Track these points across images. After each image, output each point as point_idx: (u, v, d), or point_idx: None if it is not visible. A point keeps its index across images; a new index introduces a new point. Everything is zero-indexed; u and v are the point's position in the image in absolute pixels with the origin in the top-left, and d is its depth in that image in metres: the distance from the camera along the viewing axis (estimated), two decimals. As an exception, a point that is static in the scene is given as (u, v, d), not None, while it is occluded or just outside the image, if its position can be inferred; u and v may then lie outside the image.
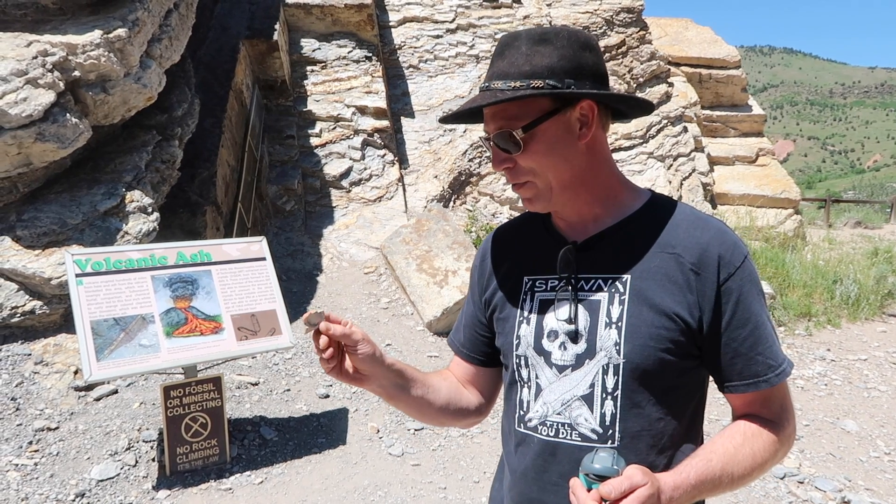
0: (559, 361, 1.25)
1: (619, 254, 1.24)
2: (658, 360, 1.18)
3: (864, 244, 11.89)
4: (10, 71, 3.97)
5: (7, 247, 4.20)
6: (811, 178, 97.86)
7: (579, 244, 1.27)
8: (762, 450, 1.20)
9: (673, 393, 1.22)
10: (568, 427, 1.23)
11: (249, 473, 3.72)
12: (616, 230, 1.26)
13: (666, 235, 1.22)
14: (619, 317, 1.20)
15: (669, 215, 1.25)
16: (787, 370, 1.21)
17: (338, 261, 7.01)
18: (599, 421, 1.21)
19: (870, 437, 4.74)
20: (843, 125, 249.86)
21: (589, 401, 1.22)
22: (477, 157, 8.50)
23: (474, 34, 9.37)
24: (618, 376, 1.19)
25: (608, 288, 1.22)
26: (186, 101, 5.72)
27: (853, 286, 8.00)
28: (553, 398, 1.25)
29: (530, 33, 1.19)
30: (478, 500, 3.64)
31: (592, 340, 1.22)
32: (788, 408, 1.26)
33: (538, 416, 1.27)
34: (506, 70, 1.18)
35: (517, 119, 1.18)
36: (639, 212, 1.27)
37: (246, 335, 3.82)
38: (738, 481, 1.18)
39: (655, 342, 1.18)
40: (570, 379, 1.23)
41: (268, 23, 7.62)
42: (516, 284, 1.34)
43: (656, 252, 1.21)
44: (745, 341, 1.19)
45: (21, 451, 3.65)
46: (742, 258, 1.19)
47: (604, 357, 1.20)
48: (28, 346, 4.27)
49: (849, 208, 19.82)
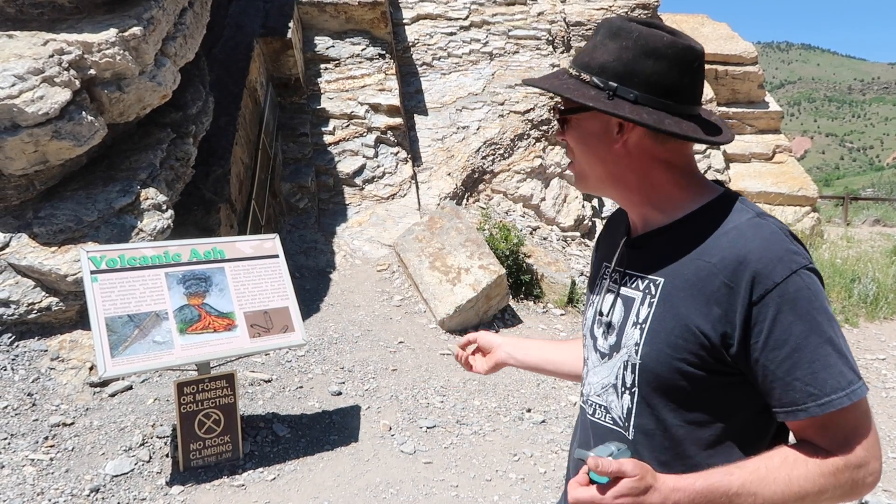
0: (602, 348, 1.32)
1: (659, 256, 1.23)
2: (674, 368, 1.16)
3: (882, 242, 11.74)
4: (27, 69, 4.01)
5: (24, 244, 4.25)
6: (829, 176, 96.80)
7: (631, 240, 1.31)
8: (803, 478, 1.08)
9: (694, 404, 1.17)
10: (603, 409, 1.31)
11: (262, 470, 3.74)
12: (663, 232, 1.24)
13: (710, 242, 1.16)
14: (645, 319, 1.22)
15: (723, 219, 1.18)
16: (835, 401, 1.06)
17: (351, 258, 7.02)
18: (620, 411, 1.27)
19: (888, 438, 4.67)
20: (862, 122, 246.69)
21: (615, 390, 1.28)
22: (490, 154, 8.47)
23: (488, 31, 9.34)
24: (634, 375, 1.23)
25: (644, 288, 1.25)
26: (201, 99, 5.75)
27: (871, 285, 7.89)
28: (595, 380, 1.34)
29: (611, 25, 1.23)
30: (490, 498, 3.63)
31: (621, 336, 1.26)
32: (859, 436, 1.10)
33: (586, 393, 1.37)
34: (579, 54, 1.25)
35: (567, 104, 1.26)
36: (692, 215, 1.22)
37: (259, 332, 3.83)
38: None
39: (672, 350, 1.16)
40: (606, 367, 1.30)
41: (282, 21, 7.64)
42: (598, 269, 1.43)
43: (694, 259, 1.17)
44: (781, 364, 1.08)
45: (37, 446, 3.69)
46: (786, 273, 1.08)
47: (625, 354, 1.24)
48: (44, 342, 4.31)
49: (867, 206, 19.56)
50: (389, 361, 5.18)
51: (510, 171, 8.53)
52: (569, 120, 1.26)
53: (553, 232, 8.42)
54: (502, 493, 3.68)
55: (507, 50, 9.29)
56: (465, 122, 8.64)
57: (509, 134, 8.64)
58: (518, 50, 9.33)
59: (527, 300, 6.83)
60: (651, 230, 1.27)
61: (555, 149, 8.98)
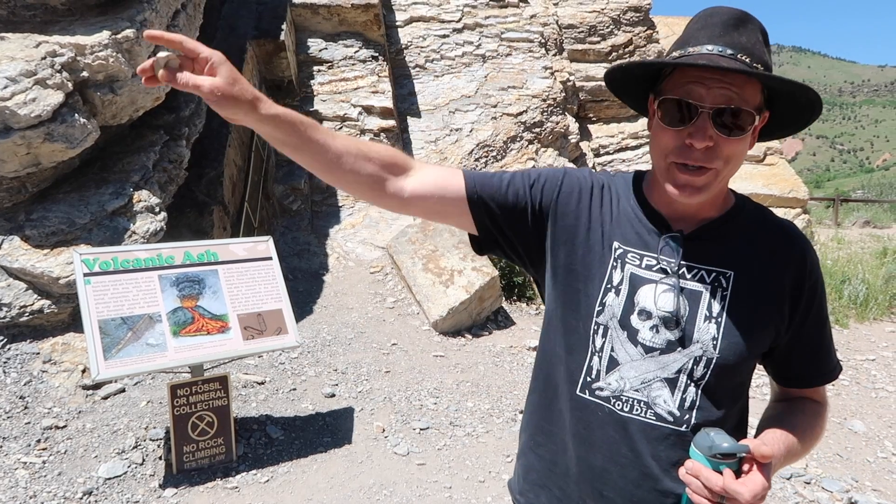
0: (648, 342, 1.23)
1: (723, 249, 1.25)
2: (747, 360, 1.25)
3: (872, 244, 11.83)
4: (19, 72, 4.00)
5: (16, 246, 4.23)
6: (820, 178, 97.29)
7: (687, 234, 1.25)
8: (819, 426, 1.33)
9: (741, 387, 1.30)
10: (644, 405, 1.23)
11: (255, 472, 3.74)
12: (720, 224, 1.27)
13: (766, 238, 1.27)
14: (720, 312, 1.22)
15: (761, 215, 1.31)
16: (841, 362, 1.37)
17: (344, 260, 7.03)
18: (678, 405, 1.23)
19: (877, 438, 4.71)
20: (853, 124, 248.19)
21: (672, 384, 1.23)
22: (483, 156, 8.50)
23: (481, 34, 9.36)
24: (708, 369, 1.21)
25: (711, 281, 1.23)
26: (194, 101, 5.75)
27: (861, 286, 7.95)
28: (633, 375, 1.24)
29: (753, 21, 1.16)
30: (483, 499, 3.65)
31: (690, 331, 1.22)
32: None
33: (612, 388, 1.25)
34: (749, 48, 1.13)
35: (747, 103, 1.13)
36: (735, 209, 1.30)
37: (252, 334, 3.83)
38: (804, 452, 1.29)
39: (751, 344, 1.23)
40: (657, 361, 1.23)
41: (275, 23, 7.65)
42: (605, 247, 1.29)
43: (759, 255, 1.25)
44: (823, 340, 1.32)
45: (29, 449, 3.67)
46: (817, 263, 1.29)
47: (699, 349, 1.22)
48: (36, 344, 4.30)
49: (857, 207, 19.71)
50: (383, 363, 5.19)
51: (503, 173, 8.54)
52: (754, 124, 1.16)
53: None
54: (495, 495, 3.69)
55: (500, 52, 9.32)
56: (458, 125, 8.66)
57: (502, 136, 8.67)
58: (511, 52, 9.36)
59: (520, 302, 6.85)
60: (708, 222, 1.27)
61: (547, 150, 9.01)
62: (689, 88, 1.13)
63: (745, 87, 1.12)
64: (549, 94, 9.13)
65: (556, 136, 9.14)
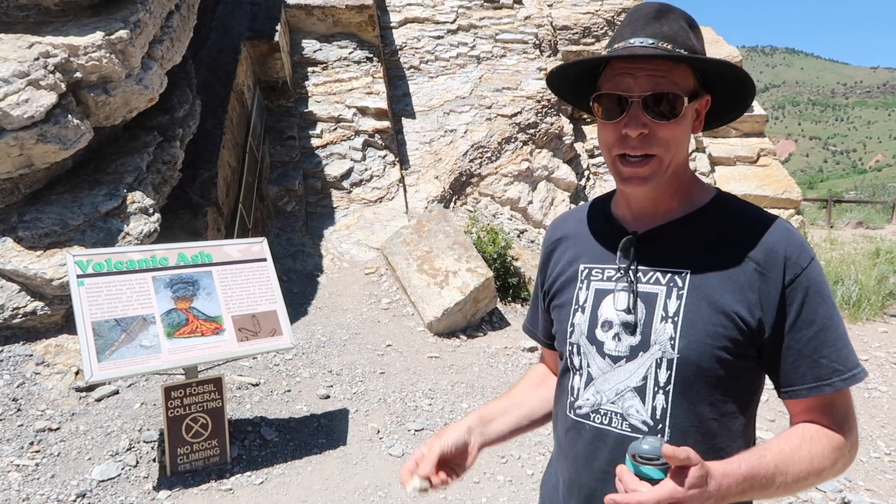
0: (612, 352, 1.24)
1: (680, 248, 1.23)
2: (713, 357, 1.16)
3: (865, 244, 11.90)
4: (12, 72, 3.99)
5: (9, 248, 4.22)
6: (813, 179, 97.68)
7: (639, 235, 1.26)
8: (820, 455, 1.14)
9: (728, 393, 1.20)
10: (619, 417, 1.23)
11: (250, 474, 3.73)
12: (681, 224, 1.24)
13: (731, 233, 1.20)
14: (676, 311, 1.19)
15: (736, 212, 1.24)
16: (858, 376, 1.15)
17: (338, 261, 7.02)
18: (650, 414, 1.20)
19: (870, 438, 4.73)
20: (845, 125, 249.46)
21: (641, 393, 1.21)
22: (477, 157, 8.50)
23: (475, 35, 9.37)
24: (671, 371, 1.18)
25: (666, 282, 1.21)
26: (188, 102, 5.74)
27: (854, 287, 7.99)
28: (607, 388, 1.24)
29: (675, 11, 1.19)
30: (478, 500, 3.65)
31: (647, 333, 1.21)
32: (852, 419, 1.20)
33: (590, 404, 1.27)
34: (671, 35, 1.15)
35: (677, 87, 1.15)
36: (705, 207, 1.25)
37: (247, 336, 3.82)
38: (792, 485, 1.13)
39: (712, 339, 1.16)
40: (624, 370, 1.23)
41: (269, 24, 7.64)
42: (573, 273, 1.34)
43: (720, 249, 1.20)
44: (808, 343, 1.15)
45: (22, 451, 3.66)
46: (809, 259, 1.17)
47: (658, 351, 1.19)
48: (29, 346, 4.28)
49: (850, 208, 19.82)
50: (377, 364, 5.19)
51: (497, 175, 8.56)
52: (686, 107, 1.17)
53: (541, 234, 8.45)
54: (490, 496, 3.69)
55: (495, 53, 9.33)
56: (453, 126, 8.67)
57: (497, 137, 8.68)
58: (505, 53, 9.38)
59: (514, 303, 6.85)
60: (667, 222, 1.25)
61: (542, 152, 9.03)
62: (618, 81, 1.17)
63: (672, 72, 1.15)
64: (543, 96, 9.15)
65: (550, 137, 9.16)
